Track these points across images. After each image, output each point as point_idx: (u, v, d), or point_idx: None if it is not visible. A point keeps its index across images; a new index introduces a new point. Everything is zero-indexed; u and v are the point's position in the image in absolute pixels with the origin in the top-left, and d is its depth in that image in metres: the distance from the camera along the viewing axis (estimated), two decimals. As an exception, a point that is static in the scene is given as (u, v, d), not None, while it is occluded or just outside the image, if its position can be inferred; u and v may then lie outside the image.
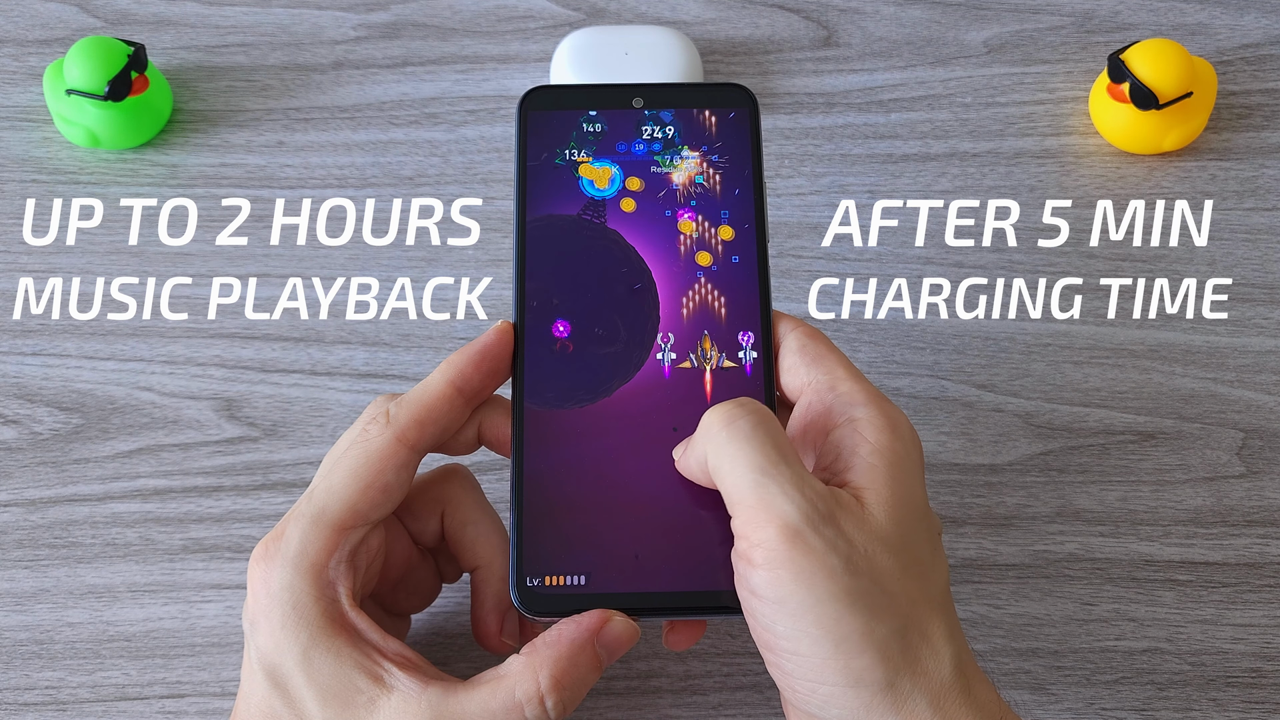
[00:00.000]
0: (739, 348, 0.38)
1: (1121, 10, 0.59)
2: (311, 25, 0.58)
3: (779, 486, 0.32)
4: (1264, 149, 0.55)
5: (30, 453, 0.49)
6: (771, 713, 0.45)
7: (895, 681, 0.32)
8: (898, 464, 0.34)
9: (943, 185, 0.55)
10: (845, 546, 0.32)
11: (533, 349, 0.38)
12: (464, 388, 0.37)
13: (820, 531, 0.32)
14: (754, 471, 0.32)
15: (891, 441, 0.34)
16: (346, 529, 0.36)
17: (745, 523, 0.32)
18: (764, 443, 0.33)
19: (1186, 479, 0.49)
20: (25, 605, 0.46)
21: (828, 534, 0.32)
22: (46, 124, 0.56)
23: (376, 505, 0.36)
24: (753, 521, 0.32)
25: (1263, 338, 0.51)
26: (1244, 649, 0.46)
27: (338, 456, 0.37)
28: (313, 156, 0.55)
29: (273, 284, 0.52)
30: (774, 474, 0.32)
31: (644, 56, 0.54)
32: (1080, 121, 0.56)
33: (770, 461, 0.32)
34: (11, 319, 0.52)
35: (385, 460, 0.36)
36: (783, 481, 0.32)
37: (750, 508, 0.32)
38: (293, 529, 0.36)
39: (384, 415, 0.37)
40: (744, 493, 0.32)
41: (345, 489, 0.36)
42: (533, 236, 0.39)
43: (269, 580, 0.35)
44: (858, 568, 0.32)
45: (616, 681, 0.45)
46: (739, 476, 0.33)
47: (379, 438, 0.36)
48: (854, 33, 0.58)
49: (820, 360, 0.37)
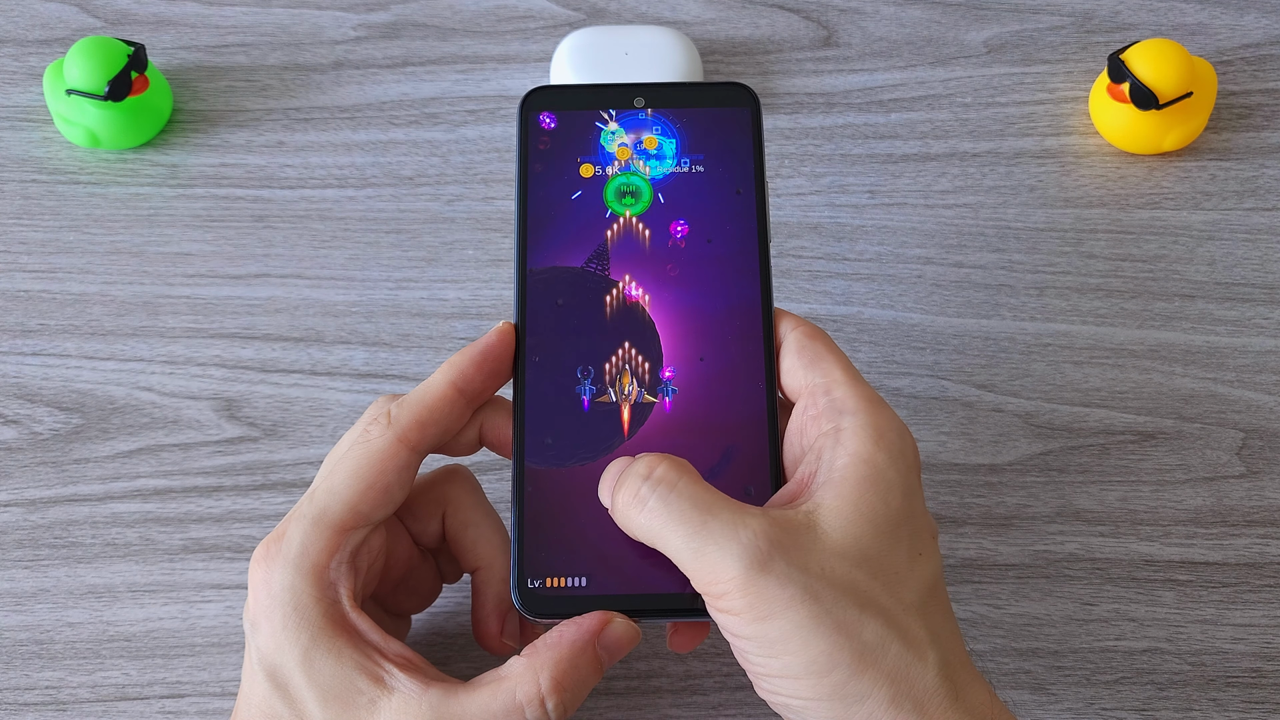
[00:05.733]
0: (735, 352, 0.38)
1: (1121, 10, 0.59)
2: (311, 25, 0.58)
3: (713, 544, 0.32)
4: (1264, 149, 0.55)
5: (30, 453, 0.49)
6: (770, 713, 0.45)
7: (872, 692, 0.32)
8: (872, 476, 0.34)
9: (943, 185, 0.55)
10: (798, 575, 0.32)
11: (539, 399, 0.38)
12: (465, 388, 0.37)
13: (769, 569, 0.32)
14: (683, 538, 0.33)
15: (872, 452, 0.34)
16: (347, 530, 0.36)
17: (696, 583, 0.33)
18: (681, 506, 0.33)
19: (1187, 479, 0.49)
20: (25, 605, 0.46)
21: (778, 568, 0.32)
22: (46, 124, 0.56)
23: (377, 506, 0.36)
24: (702, 581, 0.33)
25: (1263, 338, 0.51)
26: (1244, 649, 0.46)
27: (339, 457, 0.37)
28: (313, 156, 0.55)
29: (273, 284, 0.52)
30: (703, 533, 0.33)
31: (644, 57, 0.54)
32: (1080, 121, 0.56)
33: (694, 524, 0.33)
34: (11, 319, 0.52)
35: (386, 461, 0.36)
36: (715, 536, 0.32)
37: (695, 571, 0.33)
38: (294, 530, 0.36)
39: (385, 416, 0.37)
40: (684, 559, 0.33)
41: (346, 490, 0.36)
42: (534, 283, 0.39)
43: (270, 581, 0.35)
44: (815, 592, 0.32)
45: (616, 682, 0.45)
46: (673, 547, 0.33)
47: (380, 439, 0.36)
48: (854, 33, 0.58)
49: (818, 362, 0.36)
